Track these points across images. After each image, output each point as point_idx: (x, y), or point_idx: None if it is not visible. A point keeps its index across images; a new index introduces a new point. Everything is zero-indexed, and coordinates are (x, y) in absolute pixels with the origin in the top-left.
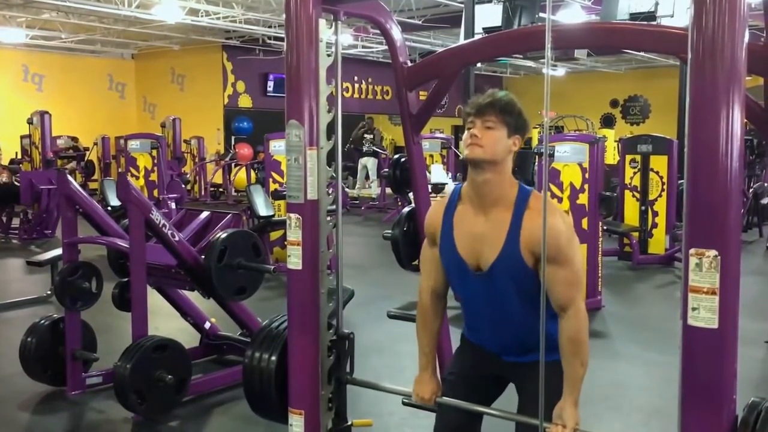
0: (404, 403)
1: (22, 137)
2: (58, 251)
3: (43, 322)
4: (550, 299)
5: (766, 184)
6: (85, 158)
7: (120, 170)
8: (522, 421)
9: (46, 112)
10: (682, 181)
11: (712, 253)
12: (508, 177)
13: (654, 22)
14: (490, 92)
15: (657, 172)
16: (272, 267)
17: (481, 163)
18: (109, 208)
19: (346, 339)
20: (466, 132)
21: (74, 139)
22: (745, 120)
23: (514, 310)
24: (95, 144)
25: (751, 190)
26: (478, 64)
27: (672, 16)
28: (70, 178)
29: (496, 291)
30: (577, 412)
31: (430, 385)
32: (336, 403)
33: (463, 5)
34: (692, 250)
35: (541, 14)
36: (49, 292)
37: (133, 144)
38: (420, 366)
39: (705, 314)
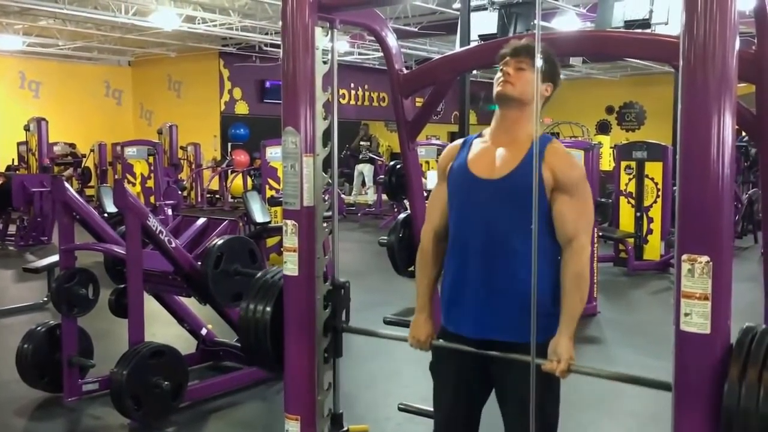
0: (400, 409)
1: (18, 144)
2: (55, 258)
3: (39, 328)
4: (557, 232)
5: (760, 191)
6: (82, 165)
7: (117, 177)
8: (515, 359)
9: (43, 119)
10: (676, 187)
11: (704, 258)
12: (533, 120)
13: (648, 30)
14: (527, 39)
15: (652, 179)
16: None
17: (509, 100)
18: (106, 214)
19: (342, 288)
20: (499, 71)
21: (72, 145)
22: (737, 127)
23: (513, 237)
24: (92, 151)
25: (745, 197)
26: (474, 71)
27: (666, 23)
28: (66, 184)
29: (500, 206)
30: (572, 346)
31: (426, 328)
32: (332, 354)
33: (458, 12)
34: (684, 256)
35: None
36: (45, 299)
37: (129, 151)
38: (417, 308)
39: (697, 319)
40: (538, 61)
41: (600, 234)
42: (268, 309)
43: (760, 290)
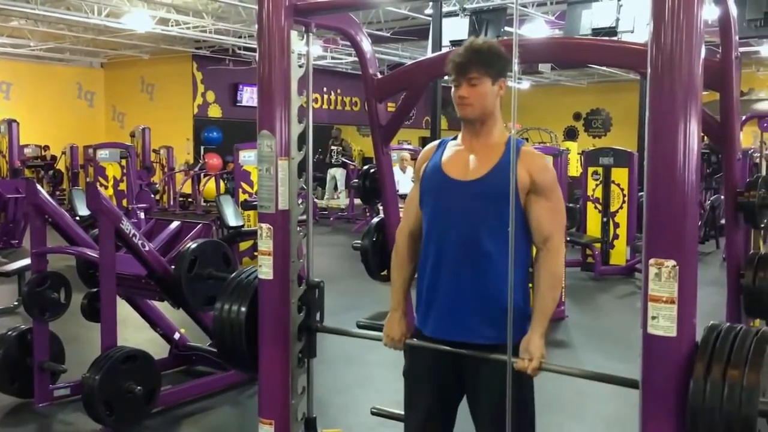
0: (373, 413)
1: None
2: (26, 261)
3: (10, 333)
4: (533, 233)
5: (722, 197)
6: (54, 167)
7: (89, 180)
8: (492, 358)
9: (14, 121)
10: (642, 193)
11: (671, 263)
12: (499, 118)
13: (615, 38)
14: (467, 45)
15: (618, 185)
16: None
17: (474, 120)
18: (78, 217)
19: (316, 288)
20: (453, 89)
21: (45, 147)
22: (702, 134)
23: (486, 239)
24: (63, 153)
25: (708, 203)
26: (446, 77)
27: (632, 31)
28: (39, 187)
29: (474, 208)
30: (543, 344)
31: (401, 327)
32: (306, 354)
33: (430, 18)
34: (651, 260)
35: (507, 28)
36: (16, 303)
37: (102, 153)
38: (391, 306)
39: (664, 323)
40: (515, 66)
41: (568, 239)
42: (243, 309)
43: (722, 294)
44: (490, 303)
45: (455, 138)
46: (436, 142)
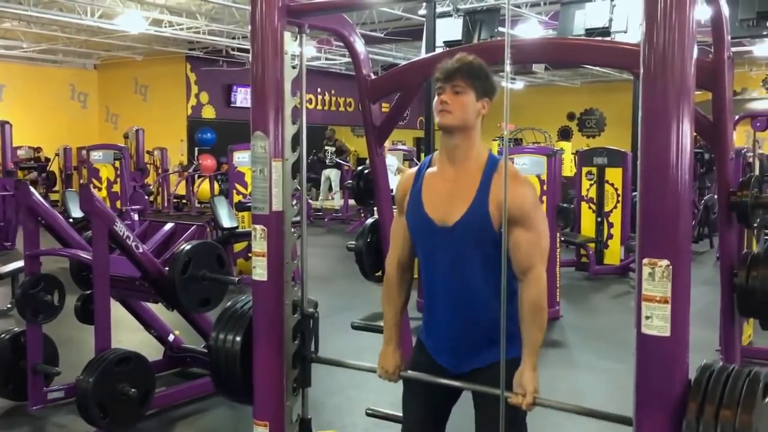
0: (368, 414)
1: None
2: (19, 263)
3: (3, 335)
4: (512, 264)
5: (715, 196)
6: (47, 169)
7: (82, 181)
8: (483, 391)
9: (7, 122)
10: (635, 192)
11: (664, 262)
12: (477, 141)
13: (608, 38)
14: (458, 56)
15: (612, 184)
16: (236, 278)
17: (452, 129)
18: (71, 219)
19: (311, 318)
20: (436, 97)
21: (37, 149)
22: (695, 133)
23: (474, 278)
24: (57, 155)
25: (702, 202)
26: None
27: (625, 32)
28: (32, 189)
29: (458, 250)
30: (535, 377)
31: (394, 359)
32: (300, 384)
33: (424, 19)
34: (645, 260)
35: (500, 28)
36: (9, 306)
37: (95, 155)
38: (384, 339)
39: (658, 322)
40: (507, 66)
41: (562, 239)
42: (238, 339)
43: (715, 293)
44: (483, 335)
45: (431, 162)
46: (414, 169)
